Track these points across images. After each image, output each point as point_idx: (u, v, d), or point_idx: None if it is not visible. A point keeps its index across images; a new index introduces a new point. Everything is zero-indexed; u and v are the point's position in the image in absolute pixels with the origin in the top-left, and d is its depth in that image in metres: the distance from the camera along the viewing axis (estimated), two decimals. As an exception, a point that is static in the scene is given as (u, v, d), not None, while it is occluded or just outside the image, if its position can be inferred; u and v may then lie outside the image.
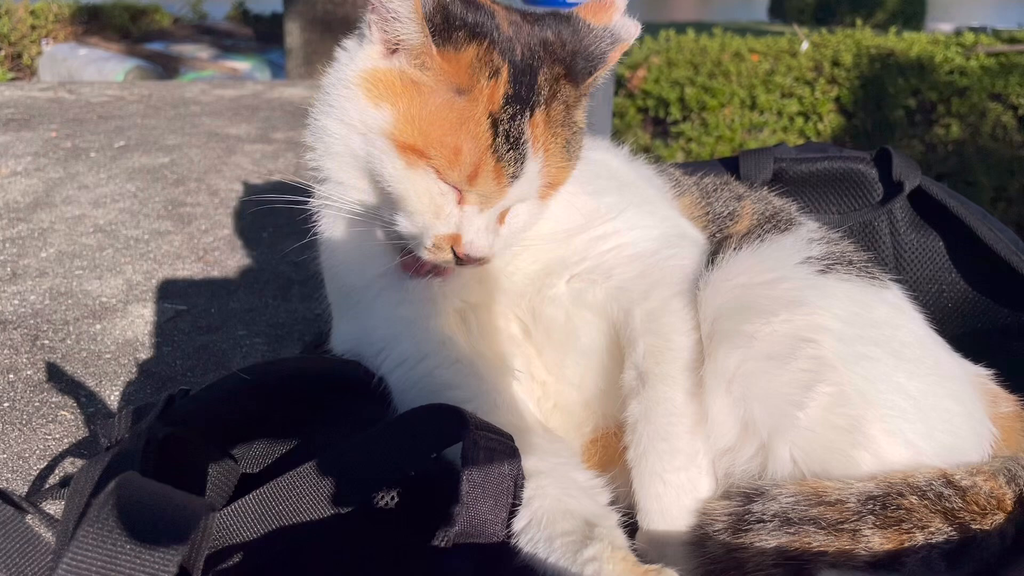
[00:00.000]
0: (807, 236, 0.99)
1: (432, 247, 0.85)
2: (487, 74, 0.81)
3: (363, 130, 0.85)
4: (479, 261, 0.86)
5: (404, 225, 0.86)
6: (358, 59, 0.87)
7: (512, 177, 0.82)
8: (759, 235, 0.99)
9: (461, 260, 0.85)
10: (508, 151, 0.81)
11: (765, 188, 1.20)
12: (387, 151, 0.83)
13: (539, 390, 0.97)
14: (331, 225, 0.97)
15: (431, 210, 0.84)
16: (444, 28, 0.80)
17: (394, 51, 0.84)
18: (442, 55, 0.81)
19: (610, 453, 0.94)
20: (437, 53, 0.81)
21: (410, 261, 0.91)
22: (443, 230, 0.84)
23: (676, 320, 0.90)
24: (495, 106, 0.81)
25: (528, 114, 0.82)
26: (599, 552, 0.75)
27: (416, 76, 0.82)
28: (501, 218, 0.87)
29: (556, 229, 0.94)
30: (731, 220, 1.06)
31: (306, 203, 0.96)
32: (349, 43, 0.91)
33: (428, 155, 0.82)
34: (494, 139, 0.81)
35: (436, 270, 0.91)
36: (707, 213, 1.07)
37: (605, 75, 0.92)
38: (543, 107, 0.84)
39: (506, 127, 0.81)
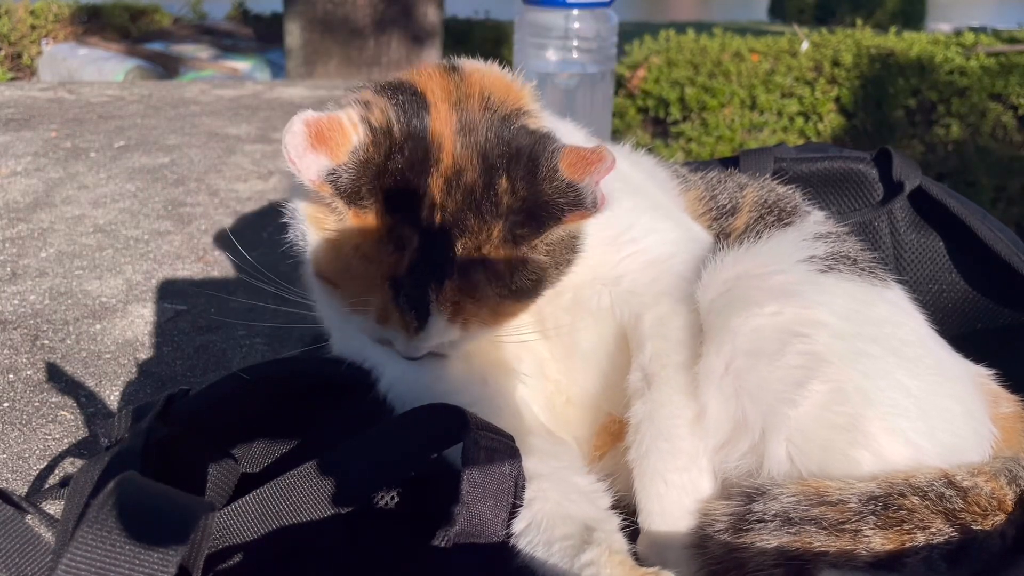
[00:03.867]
0: (812, 231, 0.98)
1: (377, 342, 0.88)
2: (393, 246, 0.79)
3: (304, 246, 0.87)
4: (419, 359, 0.87)
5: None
6: (307, 190, 0.84)
7: (418, 330, 0.80)
8: (760, 228, 0.98)
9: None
10: (410, 310, 0.79)
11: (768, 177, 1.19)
12: (314, 277, 0.86)
13: (552, 387, 0.97)
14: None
15: (360, 327, 0.85)
16: (368, 191, 0.78)
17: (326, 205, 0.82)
18: (357, 216, 0.79)
19: (623, 432, 0.94)
20: (352, 214, 0.79)
21: None
22: (378, 340, 0.86)
23: (683, 323, 0.90)
24: (398, 273, 0.79)
25: (436, 283, 0.79)
26: (597, 556, 0.75)
27: (333, 223, 0.81)
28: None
29: None
30: (734, 213, 1.06)
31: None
32: None
33: (340, 292, 0.83)
34: (396, 296, 0.79)
35: None
36: (711, 209, 1.07)
37: (567, 230, 0.84)
38: (455, 276, 0.79)
39: (407, 292, 0.79)
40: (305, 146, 0.76)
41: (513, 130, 0.83)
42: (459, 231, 0.79)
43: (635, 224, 0.95)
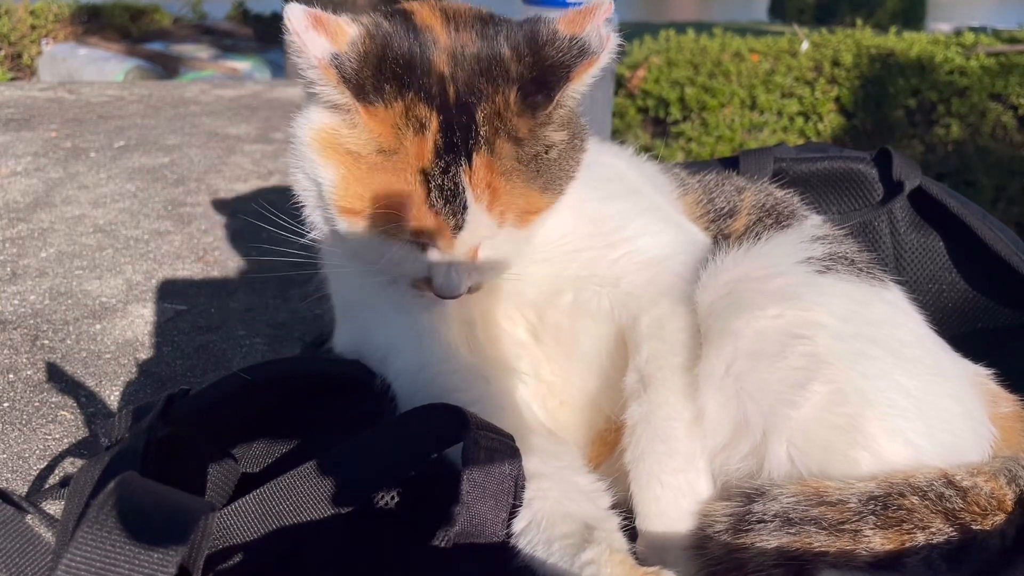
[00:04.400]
0: (810, 233, 0.98)
1: (411, 287, 0.85)
2: (412, 130, 0.76)
3: (319, 188, 0.83)
4: (459, 296, 0.84)
5: (381, 272, 0.85)
6: (311, 115, 0.83)
7: (456, 228, 0.78)
8: (758, 231, 0.98)
9: (443, 298, 0.83)
10: (445, 205, 0.76)
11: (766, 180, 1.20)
12: (335, 213, 0.82)
13: (545, 389, 0.97)
14: (331, 253, 0.96)
15: (393, 262, 0.82)
16: (374, 82, 0.76)
17: (335, 108, 0.80)
18: (369, 112, 0.76)
19: (620, 440, 0.94)
20: (363, 112, 0.76)
21: None
22: (413, 276, 0.83)
23: (680, 325, 0.90)
24: (425, 161, 0.76)
25: (465, 162, 0.76)
26: (597, 555, 0.75)
27: (347, 136, 0.79)
28: (474, 252, 0.83)
29: (567, 237, 0.93)
30: (732, 216, 1.06)
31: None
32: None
33: (368, 217, 0.79)
34: (428, 195, 0.76)
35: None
36: (709, 211, 1.07)
37: (578, 91, 0.82)
38: (484, 149, 0.77)
39: (439, 181, 0.76)
40: (308, 24, 0.75)
41: (499, 18, 0.84)
42: (475, 99, 0.77)
43: (630, 224, 0.95)
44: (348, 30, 0.77)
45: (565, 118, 0.84)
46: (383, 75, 0.76)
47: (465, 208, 0.77)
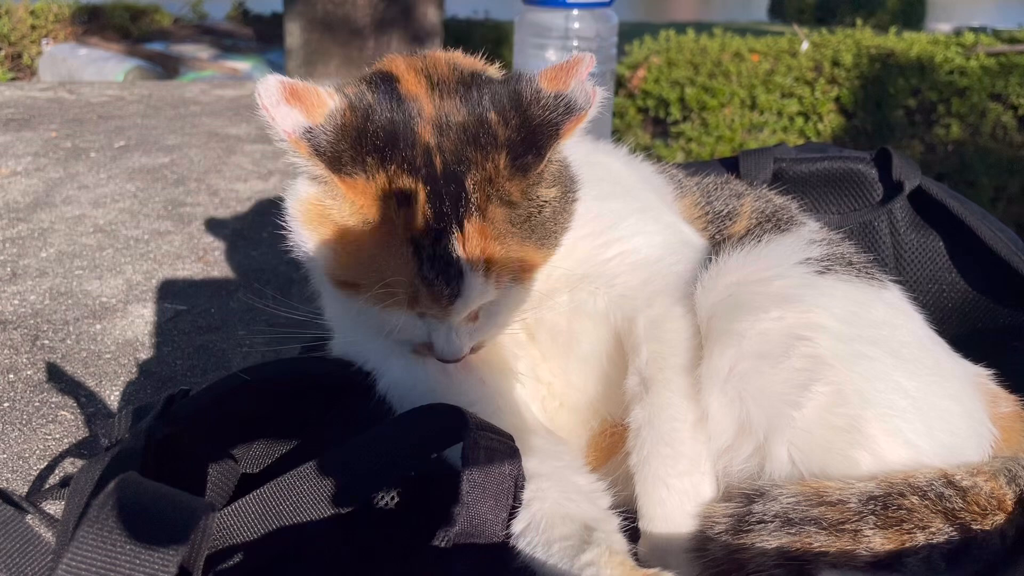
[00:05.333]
0: (808, 237, 0.98)
1: (413, 352, 0.85)
2: (397, 201, 0.74)
3: (310, 261, 0.82)
4: (461, 360, 0.84)
5: (386, 339, 0.85)
6: (298, 187, 0.82)
7: (451, 297, 0.76)
8: (758, 235, 0.99)
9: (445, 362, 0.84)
10: (438, 276, 0.75)
11: (765, 186, 1.20)
12: (328, 285, 0.82)
13: (545, 390, 0.97)
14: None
15: (392, 331, 0.81)
16: (352, 154, 0.74)
17: (314, 178, 0.78)
18: (347, 184, 0.75)
19: (617, 445, 0.94)
20: (341, 183, 0.75)
21: None
22: (414, 341, 0.83)
23: (679, 326, 0.89)
24: (414, 232, 0.74)
25: (457, 230, 0.74)
26: (597, 556, 0.75)
27: (330, 206, 0.77)
28: (473, 315, 0.82)
29: None
30: (730, 220, 1.06)
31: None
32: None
33: (361, 289, 0.78)
34: (420, 266, 0.75)
35: None
36: (707, 213, 1.07)
37: (564, 147, 0.82)
38: (475, 216, 0.75)
39: (430, 252, 0.74)
40: (279, 98, 0.74)
41: (484, 78, 0.82)
42: (464, 167, 0.75)
43: (622, 224, 0.94)
44: (328, 102, 0.76)
45: (556, 173, 0.83)
46: (363, 148, 0.75)
47: (460, 276, 0.75)
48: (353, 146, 0.75)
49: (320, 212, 0.79)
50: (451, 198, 0.74)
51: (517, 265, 0.80)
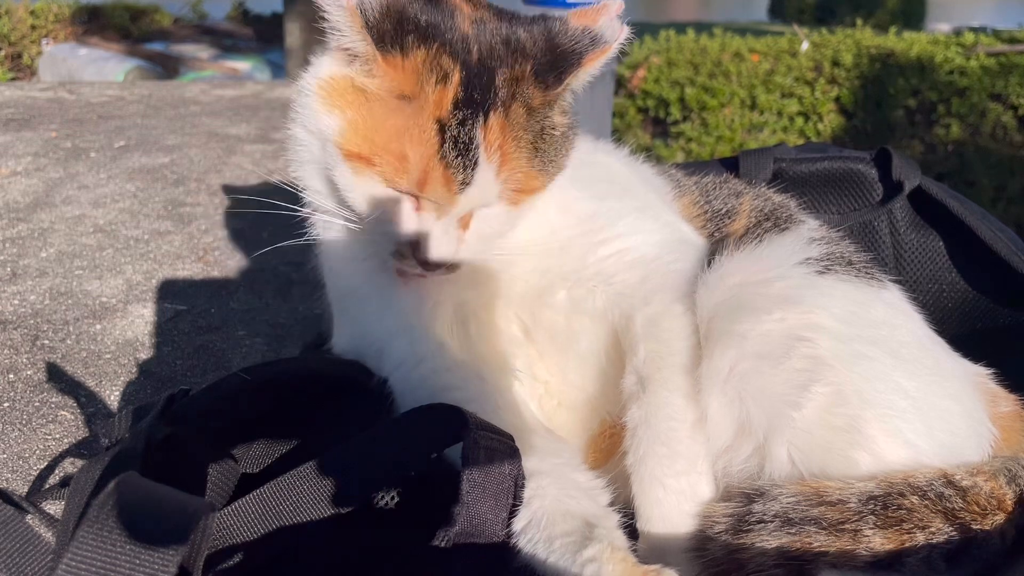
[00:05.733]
0: (807, 236, 0.98)
1: (396, 253, 0.85)
2: (435, 79, 0.78)
3: (320, 137, 0.84)
4: (443, 268, 0.85)
5: (369, 232, 0.86)
6: (320, 67, 0.86)
7: (463, 184, 0.79)
8: (757, 234, 0.99)
9: (426, 266, 0.84)
10: (456, 157, 0.78)
11: (764, 185, 1.20)
12: (337, 159, 0.82)
13: (542, 389, 0.97)
14: (325, 228, 0.97)
15: (385, 217, 0.83)
16: (393, 33, 0.78)
17: (352, 59, 0.82)
18: (388, 61, 0.79)
19: (616, 445, 0.94)
20: (382, 60, 0.79)
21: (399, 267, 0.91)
22: (400, 236, 0.83)
23: (677, 325, 0.89)
24: (443, 111, 0.78)
25: (481, 119, 0.78)
26: (599, 553, 0.75)
27: (364, 83, 0.81)
28: (465, 224, 0.84)
29: (556, 235, 0.94)
30: (729, 219, 1.06)
31: (301, 206, 0.96)
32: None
33: (374, 162, 0.80)
34: (441, 145, 0.78)
35: (421, 275, 0.89)
36: (706, 212, 1.07)
37: (585, 78, 0.86)
38: (500, 110, 0.79)
39: (454, 132, 0.78)
40: None
41: (515, 14, 0.88)
42: (496, 62, 0.80)
43: (621, 222, 0.95)
44: None
45: (568, 108, 0.88)
46: (407, 25, 0.79)
47: (476, 164, 0.79)
48: (395, 26, 0.79)
49: (346, 87, 0.82)
50: (481, 88, 0.79)
51: (519, 180, 0.83)
